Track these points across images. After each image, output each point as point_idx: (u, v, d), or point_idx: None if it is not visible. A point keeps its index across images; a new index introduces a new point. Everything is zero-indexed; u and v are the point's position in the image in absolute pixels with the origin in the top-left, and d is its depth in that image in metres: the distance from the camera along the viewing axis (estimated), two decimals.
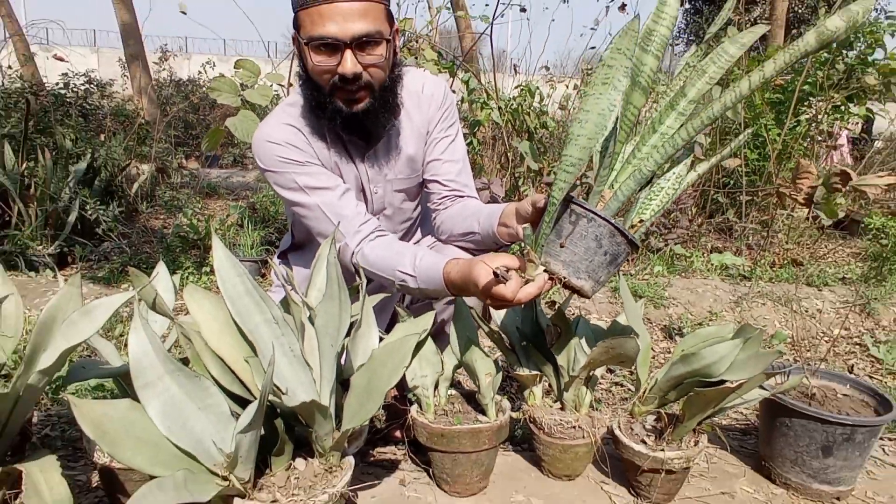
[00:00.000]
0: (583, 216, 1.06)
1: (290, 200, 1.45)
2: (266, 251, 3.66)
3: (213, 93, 2.69)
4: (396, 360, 1.19)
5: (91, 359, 1.44)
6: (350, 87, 1.32)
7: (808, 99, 4.19)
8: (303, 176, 1.42)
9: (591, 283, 1.07)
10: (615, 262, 1.08)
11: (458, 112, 1.67)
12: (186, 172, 5.95)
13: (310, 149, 1.43)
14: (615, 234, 1.06)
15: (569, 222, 1.08)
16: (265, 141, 1.41)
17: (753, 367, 1.35)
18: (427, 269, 1.31)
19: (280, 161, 1.41)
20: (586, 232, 1.06)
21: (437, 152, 1.55)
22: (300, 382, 1.16)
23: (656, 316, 2.90)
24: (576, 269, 1.06)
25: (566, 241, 1.06)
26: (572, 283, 1.06)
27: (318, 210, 1.42)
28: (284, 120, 1.43)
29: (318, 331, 1.19)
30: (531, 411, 1.51)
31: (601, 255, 1.06)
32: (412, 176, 1.56)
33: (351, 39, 1.27)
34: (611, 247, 1.07)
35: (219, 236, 1.21)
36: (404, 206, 1.60)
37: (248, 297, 1.16)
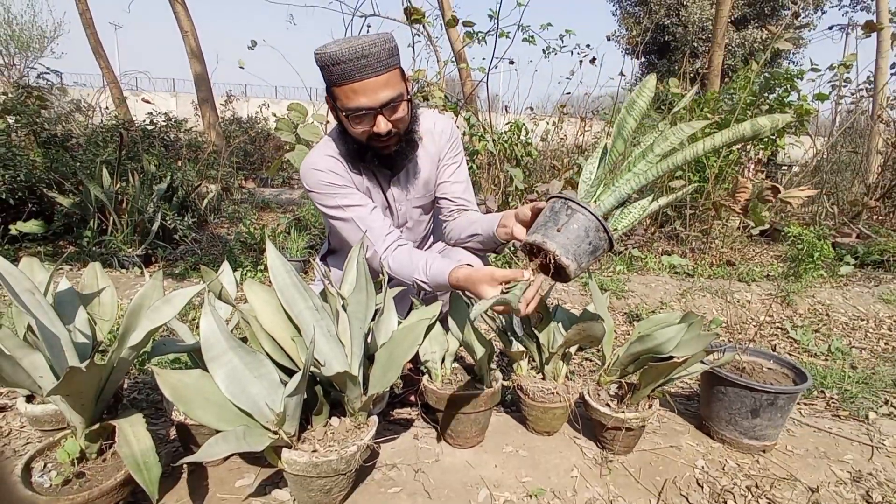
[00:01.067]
0: (578, 211, 1.08)
1: (329, 215, 1.45)
2: (308, 253, 3.66)
3: (278, 131, 2.71)
4: (412, 339, 1.19)
5: (170, 338, 1.44)
6: (384, 138, 1.33)
7: None
8: (341, 197, 1.41)
9: (574, 265, 1.06)
10: (595, 254, 1.08)
11: (462, 143, 1.66)
12: (245, 191, 5.97)
13: (347, 175, 1.43)
14: (600, 230, 1.07)
15: (565, 214, 1.09)
16: (311, 168, 1.41)
17: (696, 345, 1.34)
18: (436, 275, 1.31)
19: (323, 184, 1.41)
20: (578, 223, 1.07)
21: (446, 175, 1.55)
22: (335, 357, 1.16)
23: (619, 305, 2.88)
24: (566, 249, 1.06)
25: (562, 227, 1.07)
26: (561, 260, 1.05)
27: (352, 223, 1.42)
28: (327, 152, 1.43)
29: (349, 316, 1.19)
30: (518, 380, 1.50)
31: (586, 244, 1.07)
32: (426, 195, 1.56)
33: (381, 106, 1.27)
34: (595, 239, 1.07)
35: (271, 241, 1.21)
36: (421, 219, 1.61)
37: (294, 289, 1.16)
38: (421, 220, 1.61)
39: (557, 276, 1.09)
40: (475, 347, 1.43)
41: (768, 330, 2.65)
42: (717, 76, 5.83)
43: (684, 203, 4.08)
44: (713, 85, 5.87)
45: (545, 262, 1.07)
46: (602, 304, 1.50)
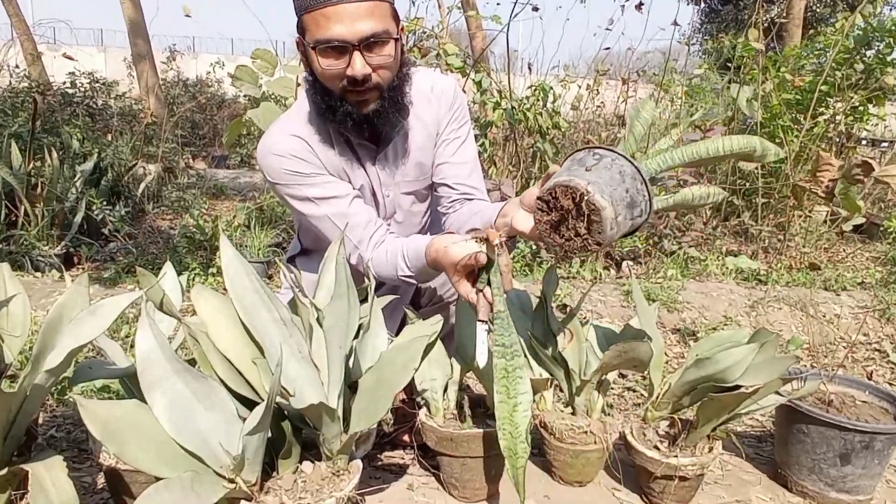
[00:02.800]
0: (608, 155, 1.11)
1: (299, 211, 1.46)
2: (273, 252, 3.67)
3: (236, 82, 2.68)
4: (405, 362, 1.19)
5: (97, 359, 1.45)
6: (359, 88, 1.32)
7: (825, 100, 4.16)
8: (310, 188, 1.42)
9: (612, 211, 1.05)
10: (633, 209, 1.08)
11: (469, 112, 1.67)
12: (193, 173, 5.99)
13: (316, 159, 1.43)
14: (637, 178, 1.09)
15: (592, 158, 1.11)
16: (270, 153, 1.41)
17: (769, 372, 1.34)
18: (415, 260, 1.35)
19: (286, 173, 1.41)
20: (611, 165, 1.09)
21: (446, 154, 1.55)
22: (308, 384, 1.16)
23: (670, 320, 2.88)
24: (600, 189, 1.05)
25: (591, 168, 1.08)
26: (594, 200, 1.04)
27: (327, 221, 1.43)
28: (289, 130, 1.43)
29: (326, 332, 1.20)
30: (542, 416, 1.50)
31: (623, 191, 1.07)
32: (420, 178, 1.56)
33: (359, 40, 1.26)
34: (632, 188, 1.08)
35: (226, 236, 1.22)
36: (414, 209, 1.60)
37: (255, 297, 1.16)
38: (414, 210, 1.61)
39: (591, 214, 1.06)
40: (487, 372, 1.43)
41: (862, 352, 2.64)
42: (798, 27, 5.82)
43: (755, 190, 4.08)
44: (793, 38, 5.87)
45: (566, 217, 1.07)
46: (649, 318, 1.51)
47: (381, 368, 1.20)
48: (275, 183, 1.43)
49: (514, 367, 1.23)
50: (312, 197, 1.42)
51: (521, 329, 1.54)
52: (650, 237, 3.90)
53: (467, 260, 1.19)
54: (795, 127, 4.14)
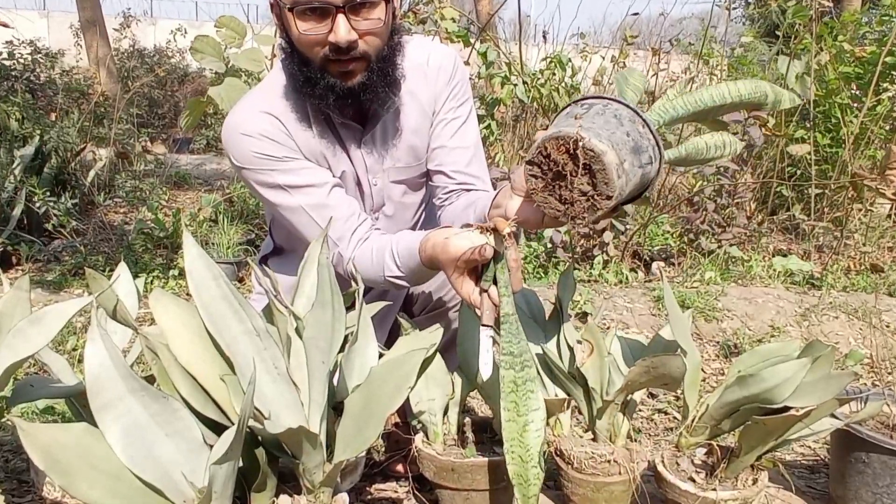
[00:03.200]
0: (598, 101, 1.14)
1: (269, 201, 1.46)
2: (245, 252, 3.68)
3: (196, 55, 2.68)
4: (399, 379, 1.19)
5: (40, 376, 1.46)
6: (343, 57, 1.32)
7: (890, 74, 4.16)
8: (283, 174, 1.43)
9: (614, 155, 1.05)
10: (639, 155, 1.10)
11: (471, 89, 1.67)
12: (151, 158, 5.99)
13: (290, 141, 1.43)
14: (636, 120, 1.11)
15: (581, 108, 1.13)
16: (237, 132, 1.42)
17: (824, 391, 1.34)
18: (407, 259, 1.35)
19: (255, 156, 1.41)
20: (604, 110, 1.11)
21: (444, 137, 1.55)
22: (285, 405, 1.17)
23: (708, 330, 2.89)
24: (596, 133, 1.06)
25: (582, 116, 1.10)
26: (591, 145, 1.04)
27: (301, 213, 1.44)
28: (260, 106, 1.43)
29: (306, 344, 1.20)
30: (558, 442, 1.51)
31: (623, 134, 1.09)
32: (413, 164, 1.56)
33: (343, 1, 1.26)
34: (633, 131, 1.10)
35: (191, 233, 1.23)
36: (406, 201, 1.60)
37: (224, 304, 1.16)
38: (406, 202, 1.61)
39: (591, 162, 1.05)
40: (493, 391, 1.43)
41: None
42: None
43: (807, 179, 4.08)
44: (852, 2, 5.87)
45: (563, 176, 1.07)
46: (683, 327, 1.51)
47: (371, 387, 1.20)
48: (242, 167, 1.44)
49: (525, 379, 1.23)
50: (284, 184, 1.42)
51: (533, 341, 1.54)
52: (685, 234, 3.91)
53: (471, 254, 1.18)
54: (855, 105, 4.14)
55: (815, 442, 2.02)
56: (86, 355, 1.07)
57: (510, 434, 1.23)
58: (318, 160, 1.47)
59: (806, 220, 4.02)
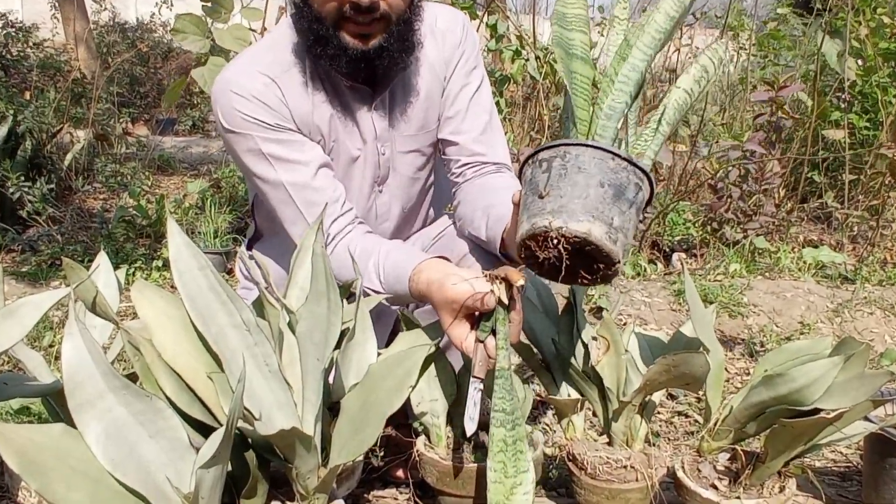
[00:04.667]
0: (555, 156, 1.12)
1: (251, 171, 1.47)
2: (234, 241, 3.68)
3: (177, 35, 2.67)
4: (399, 378, 1.19)
5: (14, 373, 1.46)
6: (361, 18, 1.33)
7: None
8: (270, 143, 1.43)
9: (599, 225, 1.05)
10: (624, 197, 1.09)
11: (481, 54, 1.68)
12: (133, 140, 6.00)
13: (284, 108, 1.44)
14: (606, 159, 1.10)
15: (541, 172, 1.12)
16: (229, 90, 1.42)
17: (857, 392, 1.34)
18: (393, 279, 1.36)
19: (244, 119, 1.42)
20: (565, 169, 1.10)
21: (456, 105, 1.56)
22: (277, 405, 1.17)
23: (732, 327, 2.89)
24: (569, 212, 1.06)
25: (546, 188, 1.10)
26: (572, 230, 1.04)
27: (282, 190, 1.44)
28: (257, 66, 1.43)
29: (300, 340, 1.20)
30: (570, 446, 1.51)
31: (597, 188, 1.08)
32: (423, 132, 1.58)
33: None
34: (608, 175, 1.09)
35: (175, 220, 1.23)
36: (412, 174, 1.61)
37: (212, 295, 1.17)
38: (412, 176, 1.62)
39: (581, 248, 1.07)
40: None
41: None
42: None
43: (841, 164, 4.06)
44: None
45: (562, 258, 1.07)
46: (706, 324, 1.51)
47: (370, 386, 1.20)
48: (228, 129, 1.44)
49: (515, 438, 1.22)
50: (270, 155, 1.43)
51: (545, 337, 1.54)
52: (707, 222, 3.90)
53: (472, 302, 1.18)
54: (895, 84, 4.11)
55: (847, 447, 2.01)
56: (63, 351, 1.07)
57: (496, 496, 1.21)
58: (312, 132, 1.47)
59: (839, 209, 4.01)
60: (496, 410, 1.21)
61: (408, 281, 1.31)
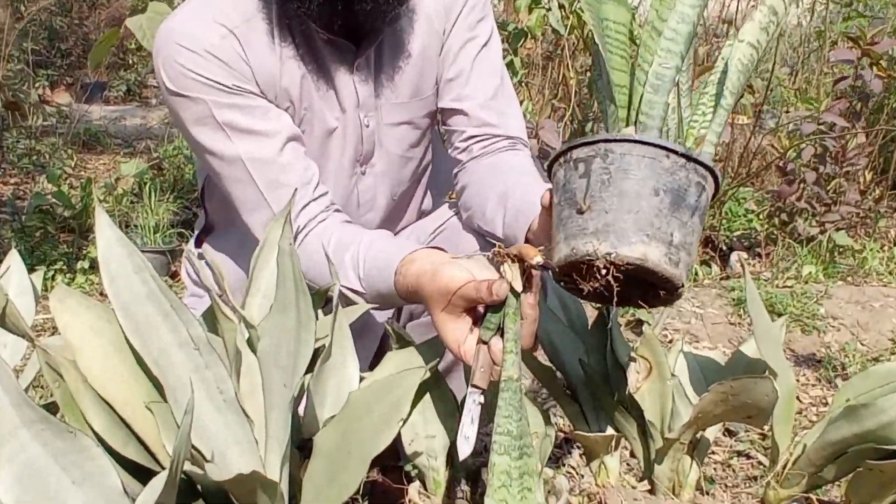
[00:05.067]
0: (593, 156, 1.09)
1: (200, 144, 1.47)
2: (179, 236, 3.69)
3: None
4: (387, 409, 1.19)
5: None
6: None
7: None
8: (226, 109, 1.43)
9: (656, 246, 1.04)
10: (685, 203, 1.07)
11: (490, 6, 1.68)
12: (52, 110, 6.00)
13: (245, 67, 1.44)
14: (659, 157, 1.06)
15: (578, 177, 1.09)
16: (175, 43, 1.41)
17: None
18: (374, 276, 1.35)
19: (194, 80, 1.42)
20: (609, 173, 1.07)
21: (458, 64, 1.56)
22: (234, 442, 1.17)
23: (806, 345, 2.89)
24: (618, 232, 1.04)
25: (586, 200, 1.07)
26: (624, 256, 1.03)
27: (240, 167, 1.45)
28: (211, 13, 1.43)
29: (262, 361, 1.20)
30: (602, 495, 1.51)
31: (650, 197, 1.05)
32: (418, 99, 1.59)
33: None
34: (663, 178, 1.06)
35: (105, 211, 1.23)
36: (402, 152, 1.62)
37: (151, 305, 1.17)
38: (407, 153, 1.64)
39: (636, 275, 1.07)
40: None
41: None
42: None
43: None
44: None
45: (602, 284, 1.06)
46: (773, 341, 1.51)
47: (350, 419, 1.20)
48: (173, 92, 1.44)
49: (523, 471, 1.16)
50: (226, 124, 1.43)
51: (570, 356, 1.54)
52: (775, 214, 3.90)
53: (475, 293, 1.14)
54: None
55: None
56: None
57: None
58: (279, 97, 1.47)
59: None
60: (499, 433, 1.16)
61: (393, 275, 1.30)
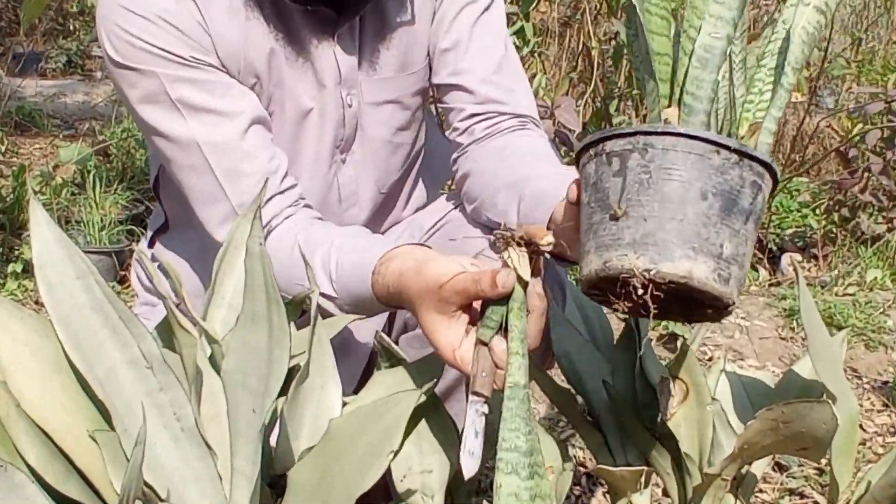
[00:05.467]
0: (630, 150, 1.07)
1: (149, 126, 1.48)
2: (129, 235, 3.69)
3: None
4: (375, 439, 1.19)
5: None
6: None
7: None
8: (182, 84, 1.44)
9: (703, 261, 1.03)
10: (738, 207, 1.05)
11: None
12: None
13: (205, 37, 1.45)
14: (709, 154, 1.04)
15: (611, 174, 1.08)
16: (121, 7, 1.42)
17: None
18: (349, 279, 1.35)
19: (144, 50, 1.42)
20: (648, 173, 1.05)
21: (454, 32, 1.57)
22: (194, 478, 1.17)
23: (870, 364, 2.89)
24: (659, 244, 1.03)
25: (621, 203, 1.05)
26: (665, 274, 1.02)
27: (195, 152, 1.46)
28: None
29: (227, 382, 1.20)
30: None
31: (697, 202, 1.03)
32: (406, 74, 1.60)
33: None
34: (712, 179, 1.04)
35: (41, 203, 1.23)
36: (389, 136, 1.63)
37: (96, 317, 1.17)
38: (395, 138, 1.65)
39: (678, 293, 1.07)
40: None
41: None
42: None
43: None
44: None
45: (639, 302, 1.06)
46: (832, 359, 1.51)
47: (332, 451, 1.20)
48: (120, 65, 1.45)
49: (535, 493, 1.15)
50: (180, 101, 1.44)
51: (592, 377, 1.54)
52: (834, 209, 3.90)
53: (474, 286, 1.12)
54: None
55: None
56: None
57: None
58: (243, 73, 1.49)
59: None
60: (506, 449, 1.14)
61: (371, 275, 1.29)
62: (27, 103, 6.07)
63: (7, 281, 3.24)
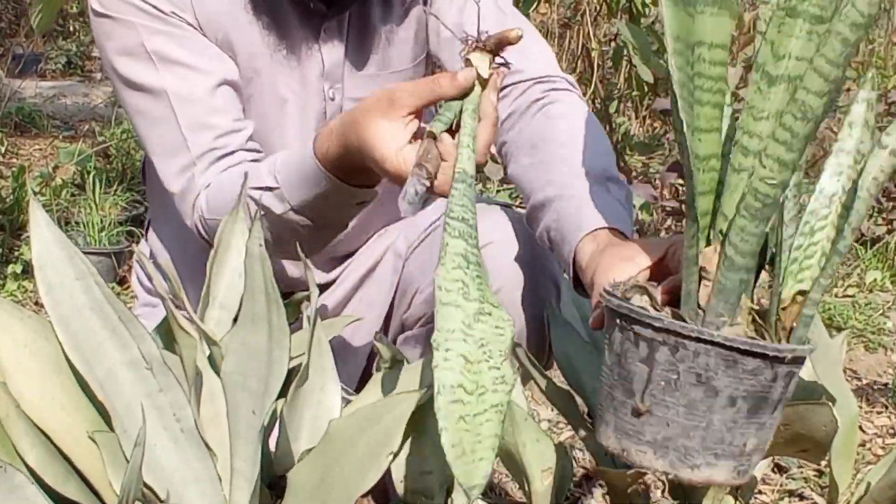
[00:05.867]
0: (661, 342, 1.00)
1: (122, 77, 1.49)
2: (129, 236, 3.69)
3: None
4: (374, 441, 1.19)
5: None
6: None
7: None
8: (159, 36, 1.45)
9: (724, 464, 1.02)
10: (767, 403, 1.03)
11: None
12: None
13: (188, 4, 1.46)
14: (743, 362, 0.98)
15: (638, 359, 1.03)
16: None
17: None
18: (290, 163, 1.35)
19: (125, 1, 1.44)
20: (677, 373, 1.00)
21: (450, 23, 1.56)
22: (193, 479, 1.17)
23: (870, 365, 2.89)
24: (681, 451, 1.01)
25: (644, 398, 1.02)
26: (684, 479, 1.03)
27: (163, 103, 1.46)
28: None
29: (227, 384, 1.20)
30: None
31: (724, 410, 1.00)
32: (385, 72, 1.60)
33: None
34: (743, 384, 0.99)
35: (41, 204, 1.23)
36: None
37: (96, 318, 1.17)
38: None
39: None
40: (525, 459, 1.44)
41: None
42: None
43: None
44: None
45: None
46: (831, 361, 1.51)
47: (331, 453, 1.20)
48: (100, 14, 1.47)
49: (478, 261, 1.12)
50: (155, 52, 1.45)
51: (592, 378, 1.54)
52: None
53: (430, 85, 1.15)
54: None
55: None
56: None
57: (449, 323, 1.07)
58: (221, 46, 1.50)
59: None
60: (453, 218, 1.12)
61: (312, 150, 1.29)
62: (27, 104, 6.06)
63: (7, 282, 3.24)
